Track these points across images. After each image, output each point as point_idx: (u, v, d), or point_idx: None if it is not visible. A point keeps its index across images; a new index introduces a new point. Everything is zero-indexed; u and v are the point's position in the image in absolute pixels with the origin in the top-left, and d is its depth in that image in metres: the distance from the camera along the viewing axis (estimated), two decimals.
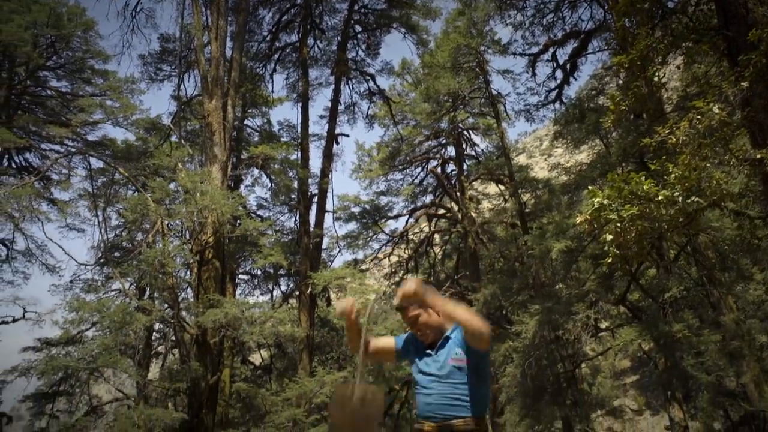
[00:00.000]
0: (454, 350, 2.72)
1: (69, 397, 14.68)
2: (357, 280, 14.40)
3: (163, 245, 11.81)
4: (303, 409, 12.40)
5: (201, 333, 11.69)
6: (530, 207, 16.36)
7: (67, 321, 11.71)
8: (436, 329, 2.80)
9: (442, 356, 2.74)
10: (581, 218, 5.52)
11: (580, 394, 17.26)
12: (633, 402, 25.21)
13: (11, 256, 15.81)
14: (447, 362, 2.71)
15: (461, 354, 2.69)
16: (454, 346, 2.73)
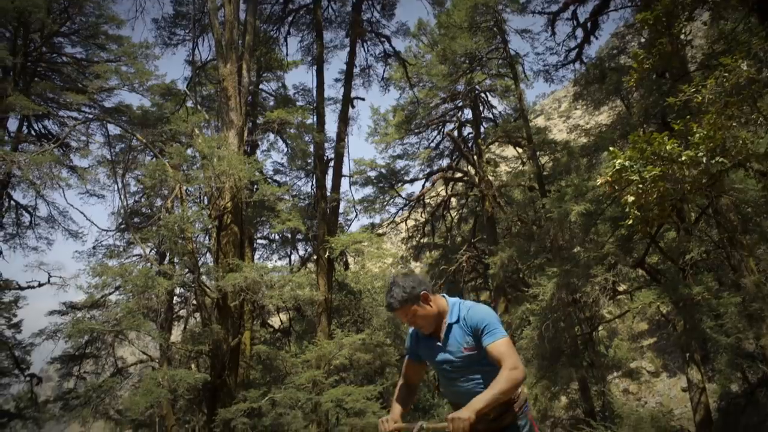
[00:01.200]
0: (464, 339, 2.68)
1: (95, 359, 15.11)
2: (374, 244, 14.46)
3: (182, 211, 11.92)
4: (322, 371, 12.64)
5: (221, 297, 11.87)
6: (548, 170, 16.17)
7: (91, 285, 11.97)
8: (436, 318, 2.74)
9: (453, 345, 2.71)
10: (602, 180, 5.44)
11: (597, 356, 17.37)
12: (650, 364, 25.29)
13: (35, 222, 16.10)
14: (461, 351, 2.68)
15: (472, 342, 2.65)
16: (462, 334, 2.68)
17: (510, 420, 2.65)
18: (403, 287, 2.67)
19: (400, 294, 2.66)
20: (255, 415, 11.69)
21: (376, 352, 14.13)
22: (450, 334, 2.71)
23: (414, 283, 2.69)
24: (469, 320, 2.65)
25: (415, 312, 2.67)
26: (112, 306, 13.16)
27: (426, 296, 2.69)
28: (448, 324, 2.71)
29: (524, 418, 2.66)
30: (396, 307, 2.67)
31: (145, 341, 15.63)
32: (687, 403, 20.19)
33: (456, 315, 2.71)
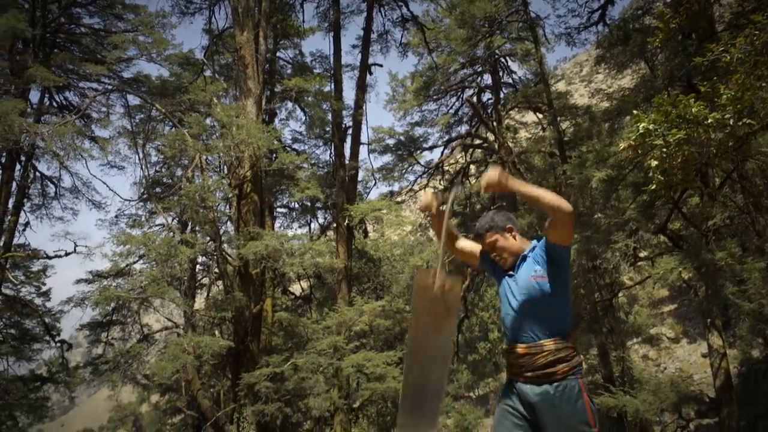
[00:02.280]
0: (533, 267, 2.76)
1: (122, 326, 15.49)
2: (393, 211, 14.48)
3: (202, 180, 12.03)
4: (343, 337, 12.84)
5: (243, 265, 12.04)
6: (569, 135, 15.92)
7: (115, 254, 12.19)
8: (515, 253, 2.85)
9: (522, 274, 2.79)
10: (625, 144, 5.36)
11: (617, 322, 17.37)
12: (670, 330, 25.27)
13: (59, 193, 16.37)
14: (528, 280, 2.74)
15: (541, 270, 2.73)
16: (533, 263, 2.77)
17: (559, 376, 2.64)
18: (492, 218, 2.88)
19: (488, 222, 2.87)
20: (278, 379, 11.95)
21: (395, 318, 14.27)
22: (523, 264, 2.81)
23: (503, 217, 2.89)
24: (540, 243, 2.77)
25: (496, 241, 2.85)
26: (137, 274, 13.43)
27: (510, 229, 2.87)
28: (522, 255, 2.83)
29: (575, 380, 2.66)
30: (481, 232, 2.88)
31: (170, 308, 15.98)
32: (707, 368, 20.20)
33: (532, 248, 2.82)
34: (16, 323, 16.47)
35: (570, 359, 2.68)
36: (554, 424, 2.64)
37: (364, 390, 13.11)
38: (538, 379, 2.67)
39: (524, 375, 2.71)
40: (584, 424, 2.62)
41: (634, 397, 11.05)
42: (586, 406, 2.65)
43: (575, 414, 2.62)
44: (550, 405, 2.64)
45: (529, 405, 2.70)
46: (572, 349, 2.71)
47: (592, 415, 2.66)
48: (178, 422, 21.35)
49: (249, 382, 11.20)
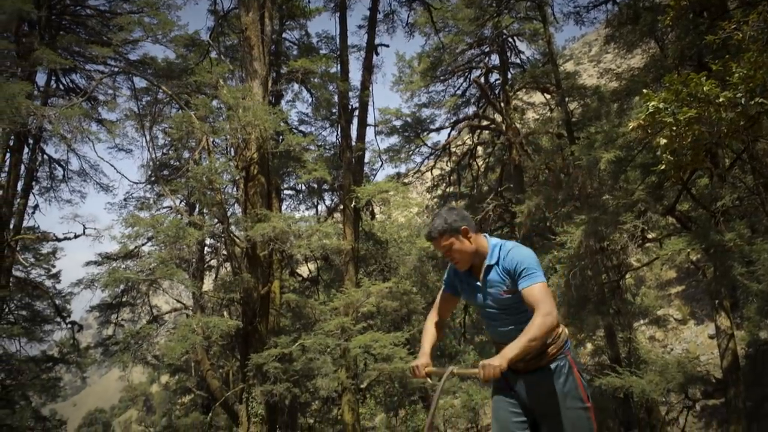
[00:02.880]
0: (505, 282, 2.66)
1: (132, 307, 15.64)
2: (400, 193, 14.47)
3: (209, 162, 12.04)
4: (350, 318, 12.91)
5: (251, 246, 12.09)
6: (577, 116, 15.80)
7: (124, 236, 12.27)
8: (472, 254, 2.73)
9: (492, 288, 2.69)
10: (634, 123, 5.31)
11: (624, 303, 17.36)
12: (677, 312, 25.27)
13: (67, 176, 16.44)
14: (500, 294, 2.67)
15: (510, 286, 2.64)
16: (501, 277, 2.66)
17: (549, 358, 2.66)
18: (445, 219, 2.69)
19: (441, 225, 2.68)
20: (286, 360, 12.06)
21: (402, 300, 14.32)
22: (489, 275, 2.70)
23: (456, 217, 2.70)
24: (507, 263, 2.63)
25: (451, 245, 2.68)
26: (146, 256, 13.52)
27: (466, 231, 2.68)
28: (487, 265, 2.71)
29: (563, 359, 2.66)
30: (434, 236, 2.70)
31: (179, 290, 16.09)
32: (714, 350, 20.21)
33: (496, 257, 2.69)
34: (27, 305, 16.68)
35: (556, 340, 2.68)
36: (546, 402, 2.66)
37: (371, 370, 13.22)
38: (529, 368, 2.69)
39: (516, 366, 2.68)
40: (577, 400, 2.64)
41: (641, 378, 11.08)
42: (577, 382, 2.67)
43: (567, 390, 2.64)
44: (541, 386, 2.67)
45: (523, 388, 2.74)
46: (558, 330, 2.69)
47: (584, 391, 2.67)
48: (188, 402, 21.66)
49: (258, 363, 11.30)
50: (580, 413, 2.63)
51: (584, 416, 2.63)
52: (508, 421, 2.75)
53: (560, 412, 2.63)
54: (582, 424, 2.62)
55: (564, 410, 2.62)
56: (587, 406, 2.65)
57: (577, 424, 2.62)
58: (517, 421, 2.73)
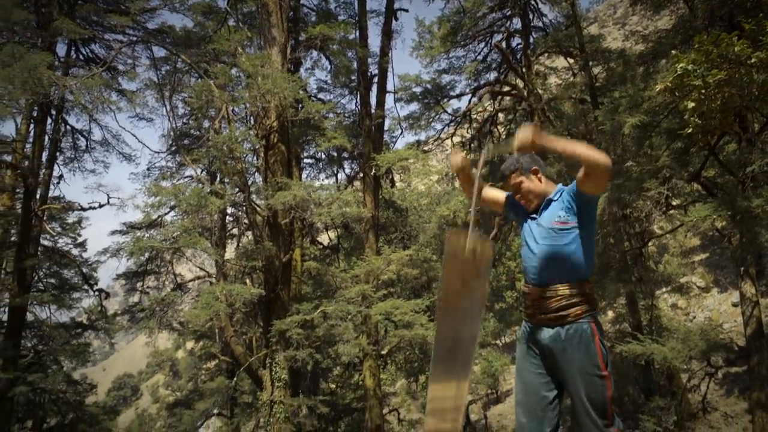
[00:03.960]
0: (557, 213, 2.73)
1: (156, 275, 15.95)
2: (420, 161, 14.39)
3: (229, 131, 12.05)
4: (371, 285, 13.01)
5: (272, 215, 12.17)
6: (601, 81, 15.44)
7: (147, 205, 12.43)
8: (540, 195, 2.82)
9: (545, 218, 2.77)
10: (661, 86, 5.17)
11: (646, 271, 17.23)
12: (700, 279, 25.01)
13: (90, 146, 16.63)
14: (550, 224, 2.72)
15: (565, 216, 2.70)
16: (557, 208, 2.74)
17: (571, 319, 2.65)
18: (517, 159, 2.84)
19: (513, 163, 2.85)
20: (308, 326, 12.24)
21: (422, 267, 14.39)
22: (547, 208, 2.80)
23: (530, 159, 2.85)
24: (568, 188, 2.74)
25: (521, 182, 2.83)
26: (169, 225, 13.71)
27: (536, 171, 2.84)
28: (547, 200, 2.82)
29: (587, 323, 2.65)
30: (506, 174, 2.87)
31: (201, 258, 16.36)
32: (737, 317, 20.03)
33: (559, 193, 2.80)
34: (56, 273, 17.09)
35: (584, 303, 2.67)
36: (565, 366, 2.66)
37: (392, 337, 13.38)
38: (550, 322, 2.69)
39: (537, 317, 2.75)
40: (594, 367, 2.62)
41: (662, 345, 11.05)
42: (597, 349, 2.64)
43: (585, 357, 2.63)
44: (560, 347, 2.66)
45: (542, 346, 2.74)
46: (588, 295, 2.69)
47: (603, 359, 2.66)
48: (213, 367, 22.19)
49: (280, 329, 11.49)
50: (597, 380, 2.62)
51: (600, 384, 2.62)
52: (533, 382, 2.76)
53: (577, 376, 2.63)
54: (598, 392, 2.62)
55: (581, 376, 2.62)
56: (605, 374, 2.63)
57: (593, 392, 2.61)
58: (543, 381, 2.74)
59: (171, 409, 21.96)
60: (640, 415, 12.58)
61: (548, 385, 2.74)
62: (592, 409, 2.61)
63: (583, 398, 2.62)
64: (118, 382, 66.41)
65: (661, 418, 12.44)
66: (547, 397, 2.72)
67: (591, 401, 2.61)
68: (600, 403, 2.61)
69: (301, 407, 13.16)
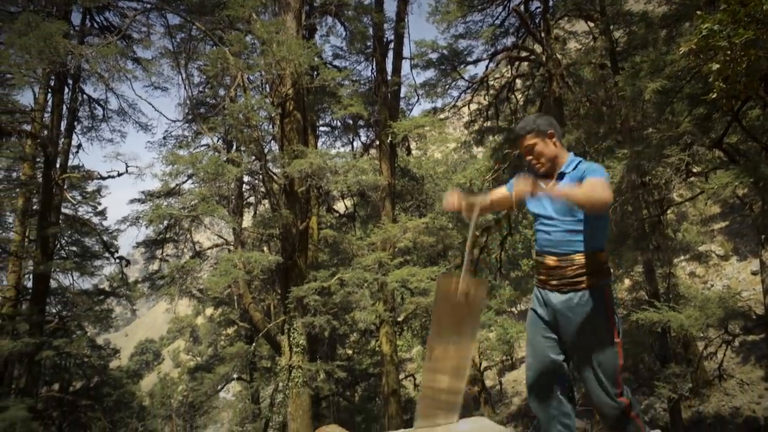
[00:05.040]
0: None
1: (175, 243, 16.17)
2: (436, 128, 14.28)
3: (245, 99, 12.03)
4: (387, 253, 13.08)
5: (288, 183, 12.22)
6: (622, 45, 15.06)
7: (165, 173, 12.54)
8: (552, 160, 2.80)
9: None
10: (685, 48, 5.04)
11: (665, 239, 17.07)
12: (719, 248, 24.77)
13: (107, 115, 16.73)
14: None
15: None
16: (570, 183, 2.69)
17: (584, 285, 2.65)
18: (533, 120, 2.81)
19: (529, 124, 2.81)
20: (325, 293, 12.38)
21: (439, 235, 14.40)
22: (560, 182, 2.77)
23: (545, 121, 2.81)
24: (580, 170, 2.71)
25: (535, 145, 2.79)
26: (187, 193, 13.83)
27: (551, 135, 2.80)
28: (560, 172, 2.79)
29: (600, 291, 2.65)
30: (521, 134, 2.82)
31: (219, 226, 16.51)
32: (756, 286, 19.88)
33: (572, 167, 2.77)
34: (77, 241, 17.42)
35: (598, 273, 2.66)
36: (576, 333, 2.67)
37: (408, 304, 13.49)
38: (563, 287, 2.69)
39: (551, 284, 2.75)
40: (606, 335, 2.63)
41: (680, 313, 11.00)
42: (609, 318, 2.65)
43: (597, 325, 2.63)
44: (572, 313, 2.67)
45: (554, 312, 2.74)
46: (602, 264, 2.69)
47: (615, 326, 2.66)
48: (232, 333, 22.62)
49: (298, 296, 11.64)
50: (608, 349, 2.63)
51: (612, 352, 2.63)
52: (542, 345, 2.78)
53: (588, 344, 2.64)
54: (609, 360, 2.63)
55: (592, 343, 2.64)
56: (616, 341, 2.64)
57: (604, 360, 2.63)
58: (551, 345, 2.76)
59: (192, 374, 22.50)
60: (655, 382, 12.62)
61: (556, 348, 2.76)
62: (604, 376, 2.63)
63: (594, 366, 2.64)
64: (140, 348, 68.04)
65: (676, 385, 12.45)
66: (557, 360, 2.75)
67: (602, 369, 2.63)
68: (611, 371, 2.64)
69: (319, 372, 13.41)
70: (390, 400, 13.27)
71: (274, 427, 19.11)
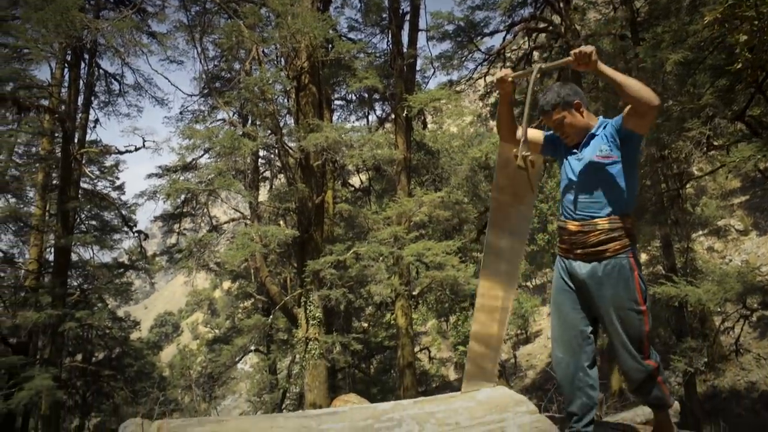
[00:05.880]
0: (599, 147, 2.66)
1: (192, 218, 16.32)
2: (453, 101, 14.14)
3: (260, 72, 11.99)
4: (403, 227, 13.09)
5: (304, 157, 12.23)
6: (643, 15, 14.73)
7: (182, 147, 12.60)
8: (582, 130, 2.73)
9: (587, 152, 2.70)
10: (710, 17, 4.91)
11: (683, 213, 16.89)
12: (739, 222, 24.45)
13: (123, 90, 16.80)
14: (592, 158, 2.66)
15: (607, 150, 2.63)
16: (600, 142, 2.66)
17: (609, 254, 2.62)
18: (557, 92, 2.71)
19: (554, 98, 2.70)
20: (341, 267, 12.46)
21: (454, 209, 14.35)
22: (590, 142, 2.72)
23: (570, 91, 2.72)
24: (612, 122, 2.66)
25: (563, 118, 2.71)
26: (203, 168, 13.91)
27: (578, 105, 2.71)
28: (590, 134, 2.73)
29: (625, 258, 2.62)
30: (547, 109, 2.73)
31: (236, 201, 16.63)
32: None
33: (601, 126, 2.72)
34: (96, 215, 17.66)
35: (623, 238, 2.62)
36: (602, 301, 2.64)
37: (423, 278, 13.53)
38: (588, 257, 2.66)
39: (574, 252, 2.71)
40: (632, 302, 2.60)
41: (697, 287, 10.94)
42: (635, 284, 2.61)
43: (623, 292, 2.60)
44: (597, 282, 2.63)
45: (578, 282, 2.72)
46: (628, 230, 2.64)
47: (641, 294, 2.63)
48: (249, 306, 22.92)
49: (314, 269, 11.73)
50: (634, 315, 2.61)
51: (638, 318, 2.61)
52: (570, 316, 2.76)
53: (614, 311, 2.61)
54: (635, 327, 2.61)
55: (619, 311, 2.61)
56: (642, 309, 2.61)
57: (630, 327, 2.61)
58: (579, 317, 2.74)
59: (210, 346, 22.91)
60: (671, 356, 12.62)
61: (585, 320, 2.74)
62: (631, 342, 2.62)
63: (621, 333, 2.62)
64: (160, 320, 69.28)
65: (692, 359, 12.45)
66: (584, 331, 2.73)
67: (628, 336, 2.61)
68: (637, 338, 2.62)
69: (335, 344, 13.57)
70: (405, 372, 13.41)
71: (291, 397, 19.49)
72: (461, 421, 2.05)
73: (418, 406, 2.11)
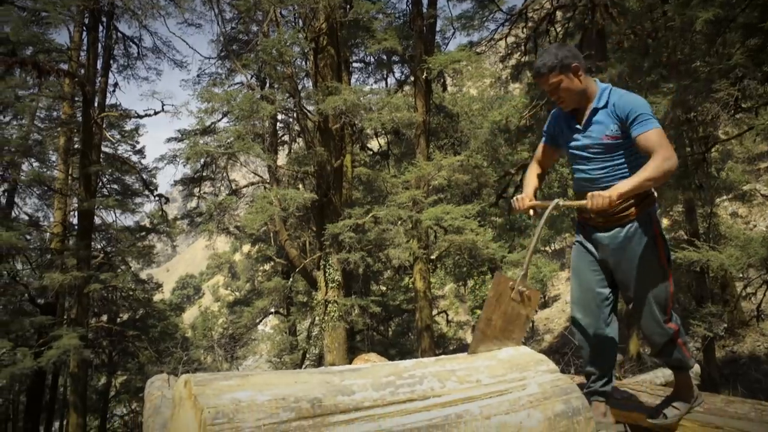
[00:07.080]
0: (608, 126, 2.55)
1: (212, 181, 16.44)
2: (473, 63, 13.89)
3: (278, 34, 11.86)
4: (422, 191, 13.05)
5: (323, 120, 12.17)
6: None
7: (200, 111, 12.60)
8: (578, 95, 2.60)
9: (594, 131, 2.60)
10: None
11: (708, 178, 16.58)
12: (765, 187, 23.97)
13: (142, 53, 16.76)
14: (601, 138, 2.57)
15: (617, 131, 2.53)
16: (609, 121, 2.55)
17: (631, 218, 2.58)
18: (555, 54, 2.55)
19: (551, 60, 2.55)
20: (360, 230, 12.51)
21: (474, 173, 14.25)
22: (593, 118, 2.60)
23: (568, 53, 2.56)
24: (619, 108, 2.51)
25: (560, 82, 2.56)
26: (222, 131, 13.94)
27: (576, 69, 2.55)
28: (593, 108, 2.59)
29: (647, 218, 2.58)
30: (543, 72, 2.57)
31: (255, 165, 16.68)
32: None
33: (604, 100, 2.57)
34: (118, 179, 17.87)
35: (642, 202, 2.57)
36: (625, 263, 2.62)
37: (442, 242, 13.53)
38: (610, 224, 2.62)
39: (594, 221, 2.68)
40: (655, 263, 2.57)
41: (720, 252, 10.79)
42: (658, 246, 2.58)
43: (646, 253, 2.57)
44: (621, 247, 2.61)
45: (599, 245, 2.69)
46: (648, 192, 2.57)
47: (665, 255, 2.59)
48: (269, 269, 23.22)
49: (333, 232, 11.80)
50: (658, 276, 2.58)
51: (662, 279, 2.59)
52: (588, 278, 2.75)
53: (637, 273, 2.59)
54: (659, 287, 2.59)
55: (642, 272, 2.58)
56: (666, 270, 2.59)
57: (654, 287, 2.59)
58: (598, 278, 2.73)
59: (231, 308, 23.35)
60: (690, 321, 12.57)
61: (603, 282, 2.72)
62: (654, 304, 2.60)
63: (644, 294, 2.60)
64: (181, 282, 70.68)
65: (711, 325, 12.39)
66: (602, 293, 2.72)
67: (652, 297, 2.59)
68: (661, 299, 2.60)
69: (354, 307, 13.73)
70: (423, 334, 13.56)
71: (311, 358, 19.86)
72: (482, 378, 2.06)
73: (439, 363, 2.12)
